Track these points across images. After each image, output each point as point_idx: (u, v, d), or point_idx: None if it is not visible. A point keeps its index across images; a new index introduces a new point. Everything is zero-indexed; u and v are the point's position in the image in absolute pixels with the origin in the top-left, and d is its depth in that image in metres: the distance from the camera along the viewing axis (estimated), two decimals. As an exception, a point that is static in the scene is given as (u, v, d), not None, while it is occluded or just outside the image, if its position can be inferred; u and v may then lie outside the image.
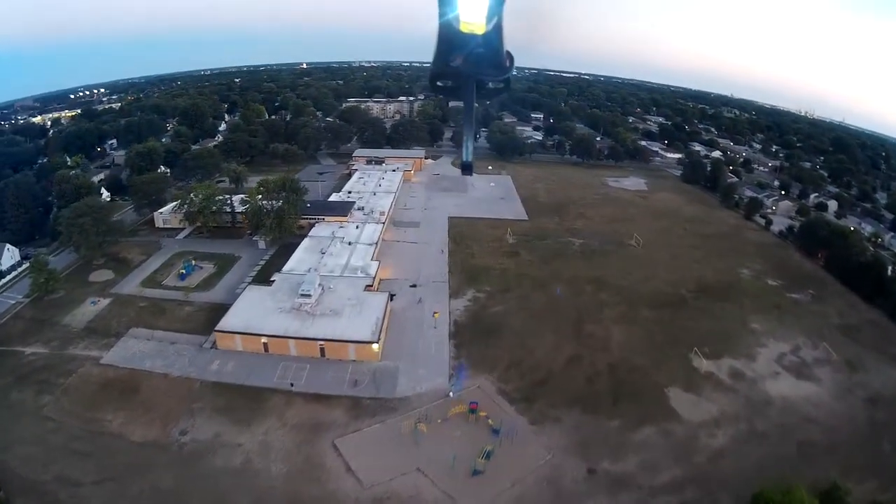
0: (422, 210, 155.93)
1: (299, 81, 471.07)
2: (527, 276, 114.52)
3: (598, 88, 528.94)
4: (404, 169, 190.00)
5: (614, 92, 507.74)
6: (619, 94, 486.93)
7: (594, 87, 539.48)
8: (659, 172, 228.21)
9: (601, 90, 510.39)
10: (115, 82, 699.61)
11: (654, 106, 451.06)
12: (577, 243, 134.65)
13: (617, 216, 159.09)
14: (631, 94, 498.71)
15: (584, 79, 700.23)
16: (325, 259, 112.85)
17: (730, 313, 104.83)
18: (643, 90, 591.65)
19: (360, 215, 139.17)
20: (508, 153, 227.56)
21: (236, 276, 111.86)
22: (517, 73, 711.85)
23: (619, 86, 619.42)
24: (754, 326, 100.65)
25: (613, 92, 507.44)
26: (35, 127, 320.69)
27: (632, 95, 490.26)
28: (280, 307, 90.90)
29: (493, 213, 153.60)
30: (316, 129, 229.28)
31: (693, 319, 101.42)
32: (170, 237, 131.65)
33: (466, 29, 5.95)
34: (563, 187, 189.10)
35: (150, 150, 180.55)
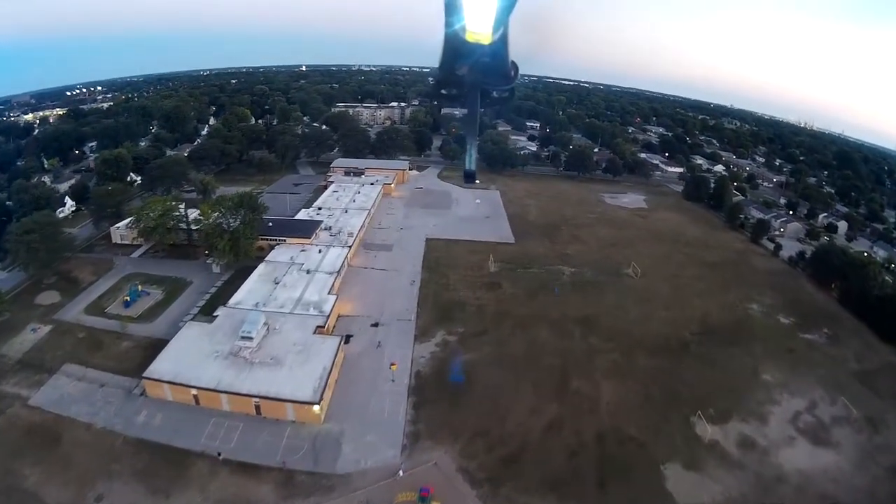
0: (397, 230, 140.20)
1: (294, 84, 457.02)
2: (507, 315, 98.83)
3: (597, 97, 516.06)
4: (384, 182, 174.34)
5: (614, 101, 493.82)
6: (619, 104, 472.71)
7: (594, 96, 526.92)
8: (659, 188, 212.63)
9: (601, 99, 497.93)
10: (113, 80, 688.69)
11: (655, 116, 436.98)
12: (568, 272, 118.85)
13: (613, 239, 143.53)
14: (631, 104, 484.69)
15: (584, 87, 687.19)
16: (278, 291, 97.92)
17: (738, 361, 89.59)
18: (643, 99, 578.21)
19: (327, 236, 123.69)
20: (499, 165, 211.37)
21: (184, 306, 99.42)
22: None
23: (618, 95, 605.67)
24: (766, 377, 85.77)
25: (613, 101, 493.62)
26: (18, 126, 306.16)
27: (632, 105, 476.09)
28: (217, 351, 78.29)
29: (476, 235, 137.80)
30: (295, 136, 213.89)
31: (696, 370, 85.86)
32: (125, 255, 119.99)
33: (473, 39, 5.97)
34: (556, 204, 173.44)
35: (117, 158, 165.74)
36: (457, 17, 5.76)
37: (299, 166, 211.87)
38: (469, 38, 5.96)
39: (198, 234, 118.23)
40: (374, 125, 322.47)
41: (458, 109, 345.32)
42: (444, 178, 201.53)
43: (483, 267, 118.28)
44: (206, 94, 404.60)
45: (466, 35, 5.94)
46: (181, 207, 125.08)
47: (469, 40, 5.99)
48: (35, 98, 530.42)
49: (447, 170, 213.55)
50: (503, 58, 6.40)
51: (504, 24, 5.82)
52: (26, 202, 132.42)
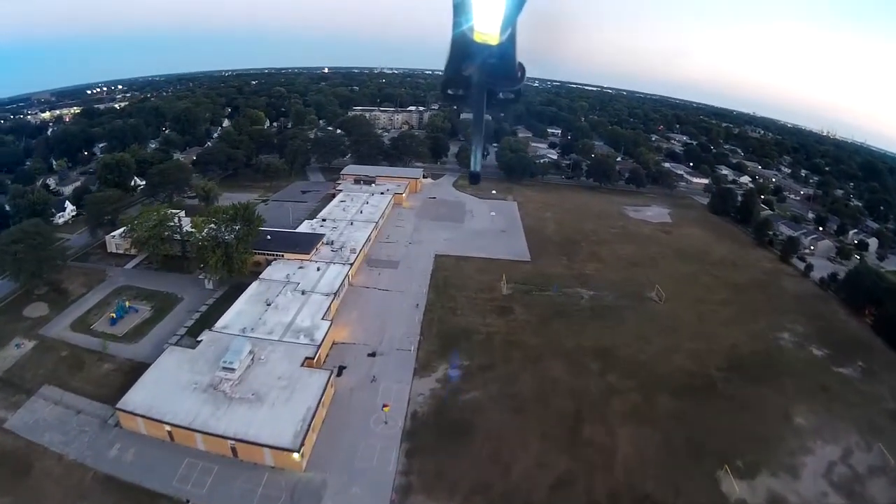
0: (405, 245, 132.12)
1: (313, 87, 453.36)
2: (518, 346, 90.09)
3: (620, 103, 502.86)
4: (395, 192, 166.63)
5: (637, 107, 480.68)
6: (642, 110, 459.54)
7: (616, 102, 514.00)
8: (684, 200, 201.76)
9: (624, 105, 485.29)
10: (134, 80, 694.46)
11: (678, 123, 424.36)
12: (587, 296, 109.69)
13: (636, 258, 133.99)
14: (654, 111, 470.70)
15: (607, 92, 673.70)
16: (269, 314, 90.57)
17: (769, 402, 79.74)
18: (665, 106, 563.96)
19: (328, 252, 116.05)
20: (518, 174, 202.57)
21: (171, 325, 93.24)
22: (538, 84, 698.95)
23: (641, 101, 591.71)
24: (798, 421, 76.25)
25: (636, 107, 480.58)
26: (30, 125, 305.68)
27: (655, 112, 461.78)
28: (196, 382, 71.73)
29: (489, 252, 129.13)
30: (305, 141, 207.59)
31: (723, 414, 76.19)
32: (118, 266, 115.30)
33: (480, 39, 6.01)
34: (575, 218, 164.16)
35: (118, 162, 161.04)
36: (465, 17, 5.72)
37: (309, 172, 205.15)
38: (476, 38, 5.95)
39: (191, 247, 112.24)
40: (391, 129, 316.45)
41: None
42: (459, 187, 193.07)
43: (495, 288, 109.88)
44: (224, 95, 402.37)
45: (474, 35, 5.92)
46: (177, 217, 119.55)
47: (476, 41, 5.98)
48: (55, 96, 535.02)
49: (463, 178, 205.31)
50: (510, 59, 6.39)
51: (512, 24, 5.81)
52: (22, 208, 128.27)
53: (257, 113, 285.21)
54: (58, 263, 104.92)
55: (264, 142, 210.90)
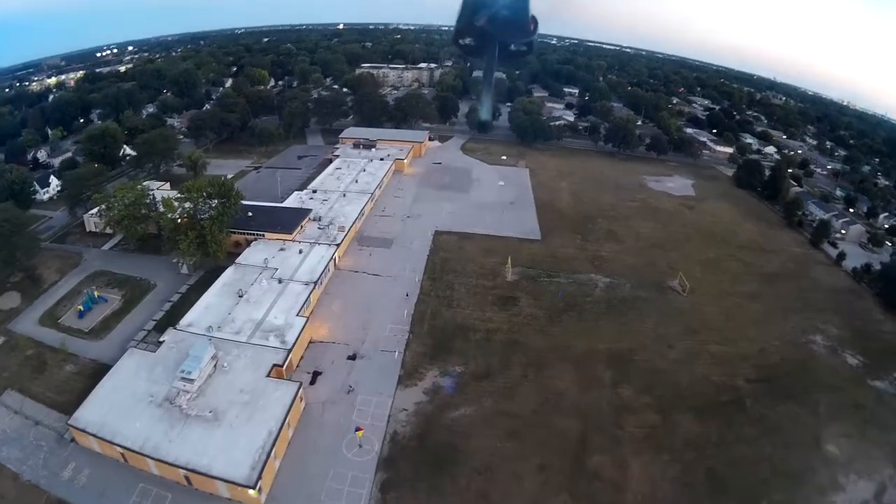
0: (402, 219, 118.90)
1: (324, 43, 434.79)
2: (520, 347, 77.46)
3: (639, 63, 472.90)
4: (397, 157, 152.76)
5: (657, 68, 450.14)
6: (662, 72, 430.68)
7: (636, 62, 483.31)
8: (708, 171, 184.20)
9: (643, 65, 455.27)
10: (145, 40, 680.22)
11: (699, 86, 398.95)
12: (602, 284, 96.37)
13: (657, 237, 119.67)
14: (674, 72, 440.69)
15: (626, 52, 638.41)
16: (239, 308, 79.32)
17: (799, 424, 67.85)
18: (686, 68, 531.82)
19: (314, 229, 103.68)
20: (531, 138, 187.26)
21: (140, 318, 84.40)
22: (555, 42, 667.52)
23: (661, 62, 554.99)
24: (829, 449, 64.45)
25: (656, 68, 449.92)
26: (31, 94, 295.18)
27: (675, 73, 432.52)
28: (153, 394, 63.32)
29: (495, 228, 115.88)
30: (304, 102, 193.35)
31: (749, 439, 64.38)
32: (95, 247, 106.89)
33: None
34: (592, 188, 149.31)
35: (104, 132, 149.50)
36: None
37: (309, 135, 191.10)
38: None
39: (163, 228, 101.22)
40: (401, 87, 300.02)
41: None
42: (467, 151, 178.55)
43: (498, 273, 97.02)
44: (231, 54, 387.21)
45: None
46: (151, 195, 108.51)
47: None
48: (65, 60, 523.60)
49: (472, 141, 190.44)
50: (524, 11, 7.02)
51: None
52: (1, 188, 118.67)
53: (260, 72, 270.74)
54: (31, 250, 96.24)
55: (262, 104, 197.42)
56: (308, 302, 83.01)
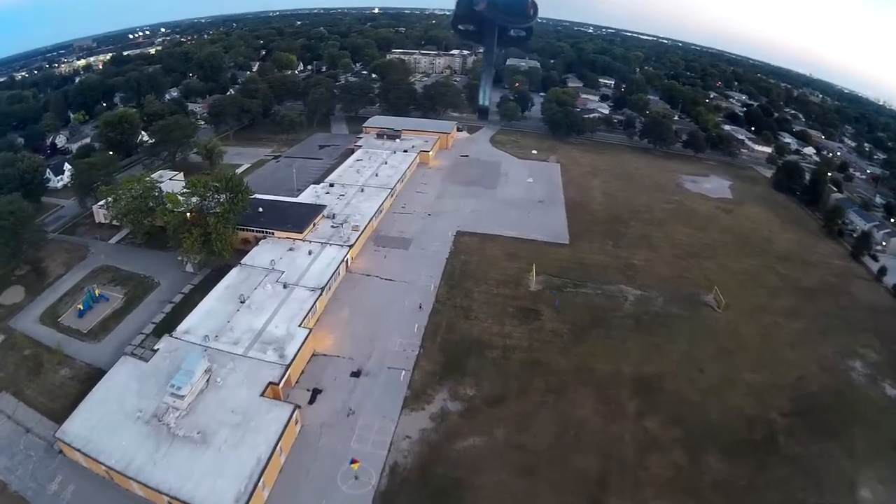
0: (423, 217, 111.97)
1: (356, 27, 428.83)
2: (540, 368, 70.31)
3: (676, 55, 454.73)
4: (422, 149, 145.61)
5: (693, 60, 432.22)
6: (699, 64, 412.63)
7: (672, 54, 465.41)
8: (746, 172, 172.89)
9: (680, 58, 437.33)
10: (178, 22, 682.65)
11: (736, 81, 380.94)
12: (632, 298, 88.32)
13: (693, 245, 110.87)
14: (711, 65, 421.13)
15: (663, 43, 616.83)
16: (240, 316, 73.75)
17: (834, 466, 60.21)
18: (723, 61, 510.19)
19: (327, 227, 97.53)
20: (564, 131, 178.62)
21: (140, 319, 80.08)
22: (591, 30, 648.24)
23: (697, 54, 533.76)
24: (864, 496, 56.70)
25: (692, 60, 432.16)
26: (56, 76, 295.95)
27: (712, 66, 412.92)
28: (142, 409, 59.05)
29: (520, 230, 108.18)
30: (329, 89, 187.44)
31: (781, 485, 56.88)
32: (102, 240, 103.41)
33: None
34: (626, 188, 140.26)
35: (121, 118, 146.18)
36: None
37: (333, 123, 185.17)
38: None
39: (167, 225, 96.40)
40: (432, 74, 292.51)
41: (525, 61, 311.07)
42: (497, 143, 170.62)
43: (521, 281, 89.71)
44: (262, 38, 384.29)
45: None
46: (160, 186, 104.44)
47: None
48: (96, 42, 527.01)
49: (503, 133, 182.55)
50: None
51: None
52: (11, 178, 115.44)
53: (288, 56, 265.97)
54: (37, 243, 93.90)
55: (286, 90, 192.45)
56: (314, 309, 77.08)
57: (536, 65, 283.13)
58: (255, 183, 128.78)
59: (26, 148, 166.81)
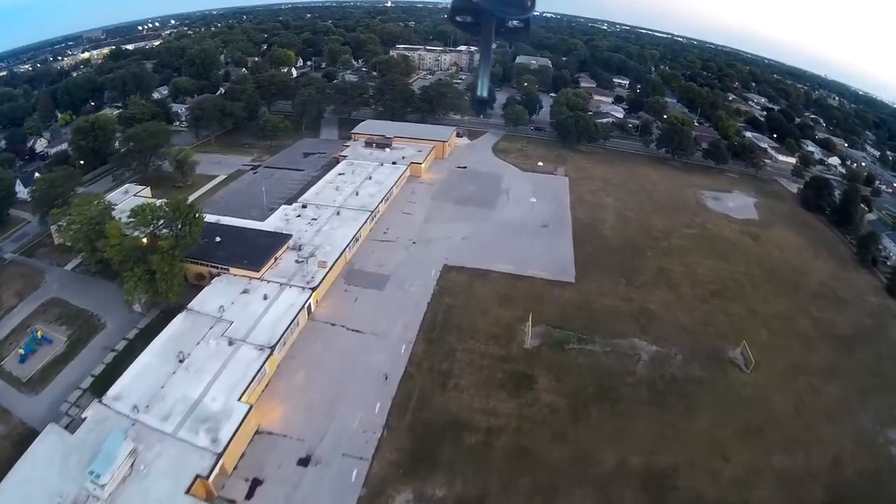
0: (406, 246, 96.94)
1: (364, 21, 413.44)
2: (529, 460, 55.71)
3: (692, 54, 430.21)
4: (413, 160, 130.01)
5: (709, 59, 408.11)
6: (716, 63, 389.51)
7: (688, 52, 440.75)
8: (770, 186, 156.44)
9: (696, 56, 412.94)
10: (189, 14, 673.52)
11: (754, 81, 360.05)
12: (646, 356, 73.15)
13: (717, 281, 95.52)
14: (727, 64, 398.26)
15: (678, 41, 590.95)
16: (176, 379, 60.44)
17: None
18: (739, 60, 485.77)
19: (290, 263, 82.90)
20: (574, 137, 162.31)
21: (81, 368, 69.75)
22: (606, 27, 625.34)
23: (713, 52, 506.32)
24: None
25: (709, 59, 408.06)
26: (52, 72, 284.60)
27: (728, 66, 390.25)
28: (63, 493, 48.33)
29: (518, 263, 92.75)
30: (319, 90, 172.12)
31: None
32: (59, 266, 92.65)
33: None
34: (642, 207, 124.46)
35: (94, 125, 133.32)
36: None
37: (324, 126, 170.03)
38: None
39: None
40: (437, 72, 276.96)
41: (536, 59, 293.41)
42: (500, 151, 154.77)
43: (515, 335, 74.62)
44: (267, 31, 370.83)
45: None
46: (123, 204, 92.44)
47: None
48: (106, 33, 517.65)
49: (507, 139, 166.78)
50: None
51: None
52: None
53: (286, 52, 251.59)
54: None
55: (276, 89, 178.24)
56: (262, 373, 63.61)
57: (548, 63, 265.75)
58: (226, 199, 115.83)
59: (7, 151, 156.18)
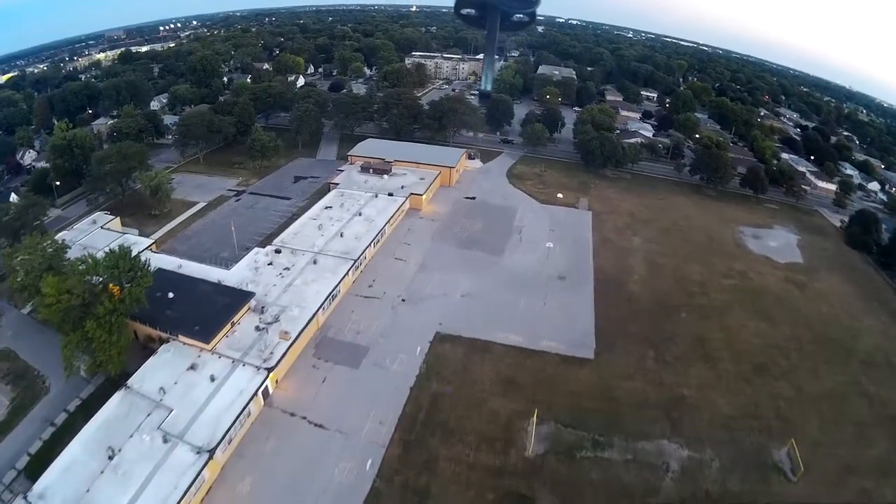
0: (393, 304, 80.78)
1: (383, 27, 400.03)
2: None
3: (719, 64, 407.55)
4: (413, 191, 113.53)
5: (738, 70, 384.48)
6: (744, 75, 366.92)
7: (715, 62, 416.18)
8: (811, 218, 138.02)
9: (724, 67, 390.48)
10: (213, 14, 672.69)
11: (783, 94, 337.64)
12: (676, 466, 57.21)
13: (762, 350, 78.86)
14: (756, 76, 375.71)
15: (703, 50, 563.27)
16: (102, 482, 48.90)
17: None
18: (766, 71, 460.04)
19: (250, 329, 68.44)
20: (600, 162, 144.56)
21: (19, 442, 60.00)
22: (631, 35, 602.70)
23: (739, 62, 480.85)
24: None
25: (737, 70, 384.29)
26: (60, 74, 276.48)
27: (757, 77, 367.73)
28: None
29: (527, 332, 76.21)
30: (320, 101, 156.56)
31: None
32: (17, 307, 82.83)
33: None
34: (675, 249, 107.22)
35: (71, 143, 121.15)
36: None
37: (323, 142, 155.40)
38: None
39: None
40: (454, 81, 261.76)
41: (559, 69, 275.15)
42: (515, 177, 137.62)
43: (515, 437, 58.77)
44: (284, 35, 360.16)
45: None
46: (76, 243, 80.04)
47: None
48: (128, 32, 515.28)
49: (525, 162, 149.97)
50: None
51: None
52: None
53: (295, 59, 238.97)
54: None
55: (273, 101, 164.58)
56: (201, 479, 49.62)
57: (572, 74, 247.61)
58: (199, 235, 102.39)
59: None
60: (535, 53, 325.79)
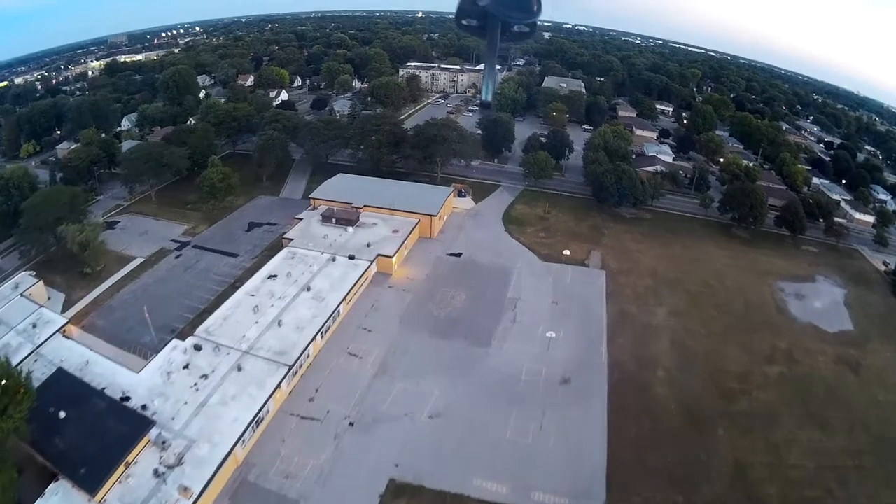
0: (337, 431, 59.03)
1: (384, 33, 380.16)
2: None
3: (731, 72, 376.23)
4: (380, 252, 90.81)
5: (751, 79, 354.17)
6: (758, 83, 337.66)
7: (728, 70, 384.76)
8: (852, 261, 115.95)
9: (737, 75, 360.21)
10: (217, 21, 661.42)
11: (799, 104, 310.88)
12: None
13: (815, 479, 57.40)
14: (770, 84, 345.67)
15: (714, 57, 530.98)
16: None
17: None
18: (776, 77, 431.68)
19: (147, 473, 48.39)
20: (615, 199, 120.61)
21: None
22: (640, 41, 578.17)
23: (751, 70, 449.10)
24: None
25: (750, 79, 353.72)
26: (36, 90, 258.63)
27: (771, 86, 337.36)
28: None
29: (515, 474, 55.09)
30: (288, 126, 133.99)
31: None
32: None
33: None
34: (708, 325, 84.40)
35: (9, 182, 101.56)
36: None
37: (293, 175, 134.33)
38: None
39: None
40: (452, 94, 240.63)
41: (566, 81, 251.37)
42: (513, 223, 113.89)
43: None
44: (278, 44, 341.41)
45: None
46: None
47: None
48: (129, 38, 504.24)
49: (526, 198, 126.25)
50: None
51: None
52: None
53: (279, 71, 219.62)
54: None
55: (238, 126, 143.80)
56: None
57: (580, 86, 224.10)
58: (124, 306, 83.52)
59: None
60: (542, 62, 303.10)
